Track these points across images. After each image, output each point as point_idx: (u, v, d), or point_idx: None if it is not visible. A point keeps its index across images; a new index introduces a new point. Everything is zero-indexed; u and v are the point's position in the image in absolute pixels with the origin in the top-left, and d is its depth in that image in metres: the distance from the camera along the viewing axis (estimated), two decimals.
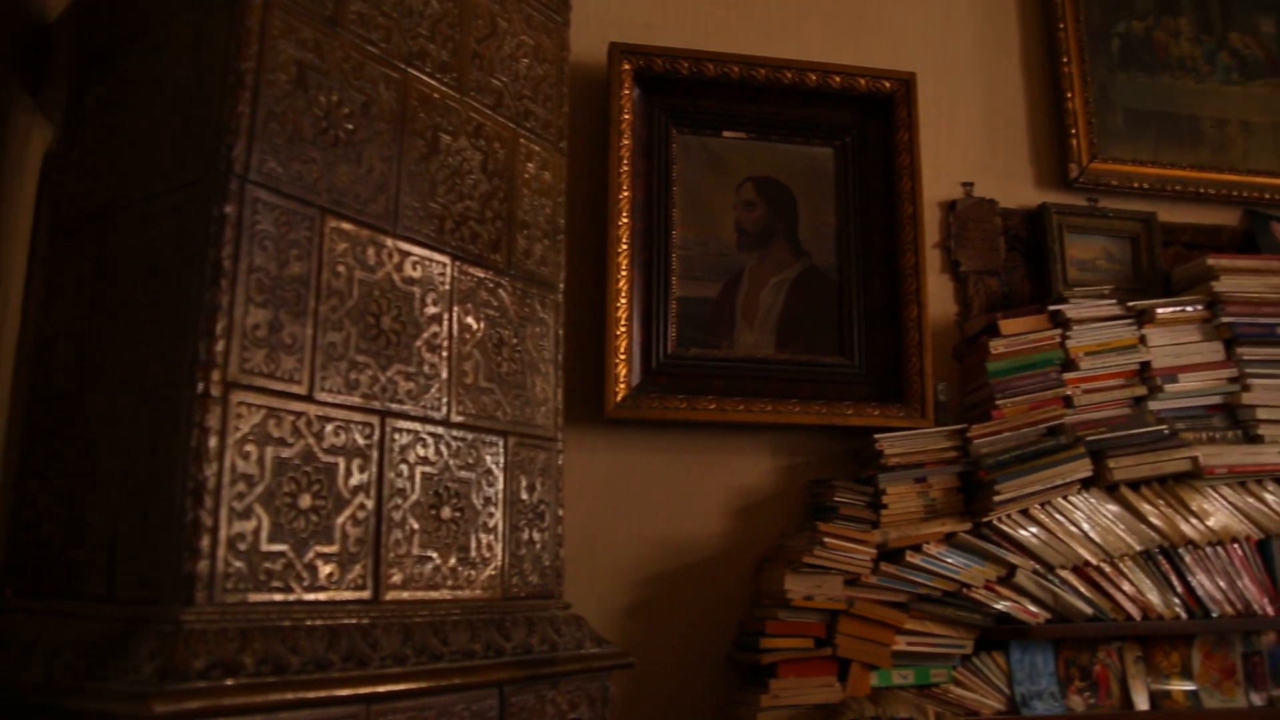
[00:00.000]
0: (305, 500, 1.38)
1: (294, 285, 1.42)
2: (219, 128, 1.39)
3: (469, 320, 1.72)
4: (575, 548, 2.28)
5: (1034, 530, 2.39)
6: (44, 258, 1.69)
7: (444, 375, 1.65)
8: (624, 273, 2.55)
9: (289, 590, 1.34)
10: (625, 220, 2.58)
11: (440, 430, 1.63)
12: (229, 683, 1.18)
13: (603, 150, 2.64)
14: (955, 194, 2.93)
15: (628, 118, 2.64)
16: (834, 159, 2.84)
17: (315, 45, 1.51)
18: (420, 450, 1.59)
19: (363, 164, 1.56)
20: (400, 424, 1.56)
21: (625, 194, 2.59)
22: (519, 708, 1.57)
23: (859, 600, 2.31)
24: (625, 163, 2.60)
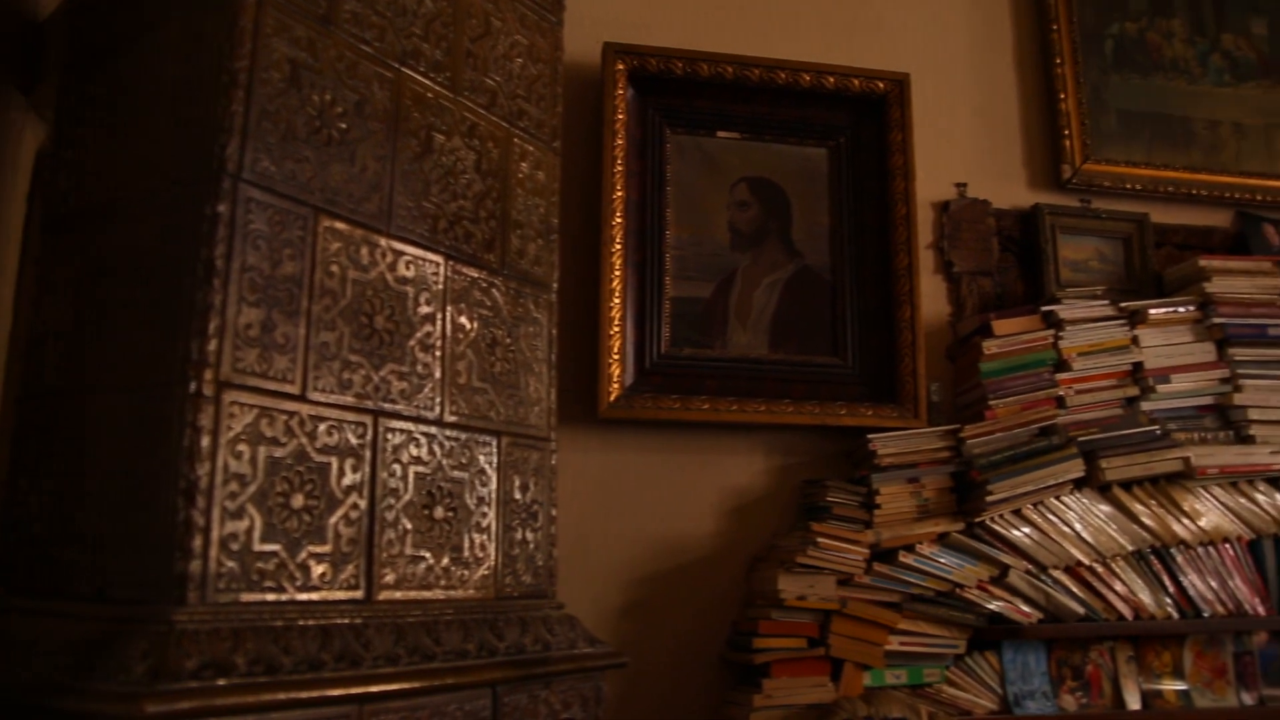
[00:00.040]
0: (298, 500, 1.38)
1: (287, 285, 1.42)
2: (212, 126, 1.38)
3: (462, 320, 1.72)
4: (568, 547, 2.27)
5: (1026, 530, 2.39)
6: (36, 256, 1.69)
7: (437, 375, 1.65)
8: (618, 272, 2.55)
9: (281, 590, 1.34)
10: (619, 220, 2.58)
11: (433, 430, 1.63)
12: (221, 683, 1.18)
13: (596, 150, 2.63)
14: (949, 194, 2.93)
15: (621, 118, 2.64)
16: (828, 159, 2.85)
17: (309, 44, 1.51)
18: (413, 450, 1.59)
19: (356, 163, 1.56)
20: (393, 424, 1.55)
21: (619, 194, 2.59)
22: (512, 708, 1.57)
23: (852, 600, 2.31)
24: (619, 163, 2.60)
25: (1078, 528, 2.42)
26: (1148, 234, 2.98)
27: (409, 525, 1.55)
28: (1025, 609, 2.37)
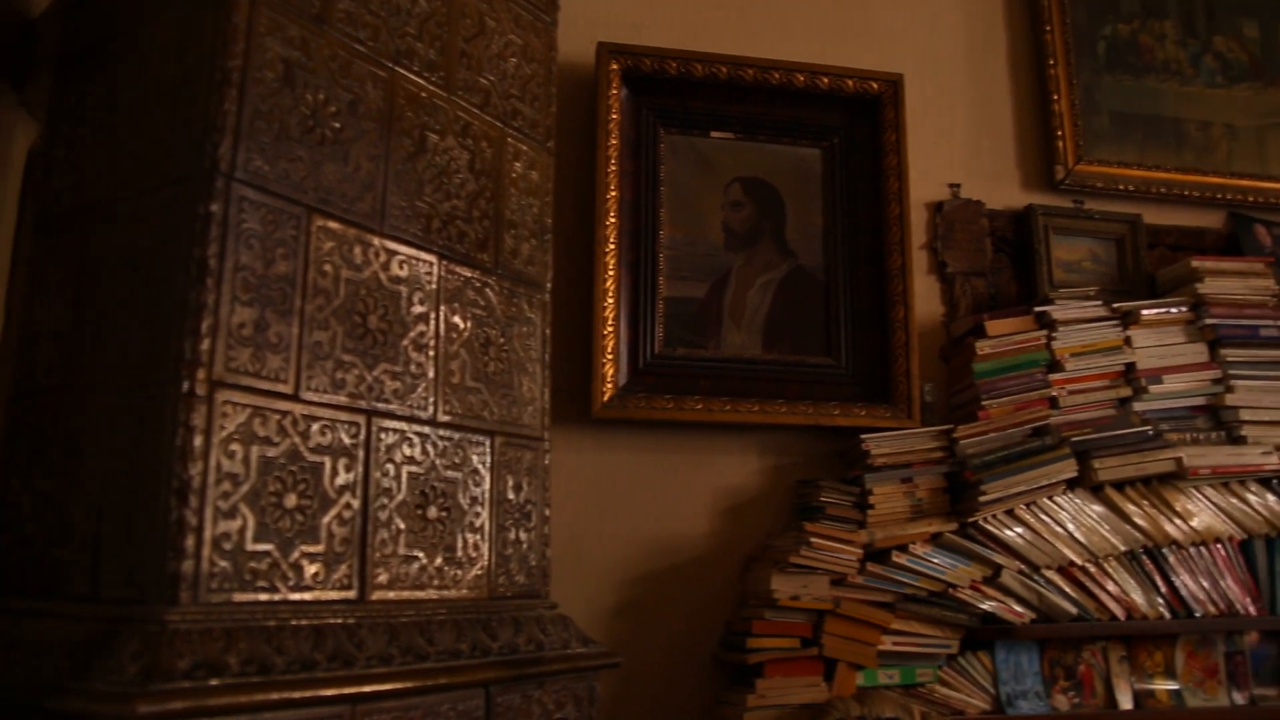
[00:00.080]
0: (291, 500, 1.38)
1: (280, 284, 1.41)
2: (205, 125, 1.38)
3: (456, 320, 1.72)
4: (562, 547, 2.27)
5: (1019, 530, 2.40)
6: (28, 255, 1.68)
7: (430, 375, 1.65)
8: (611, 272, 2.55)
9: (274, 590, 1.34)
10: (613, 220, 2.58)
11: (427, 430, 1.63)
12: (213, 683, 1.18)
13: (590, 150, 2.63)
14: (942, 195, 2.94)
15: (615, 117, 2.64)
16: (821, 160, 2.85)
17: (302, 43, 1.51)
18: (407, 450, 1.58)
19: (349, 163, 1.56)
20: (386, 423, 1.55)
21: (613, 194, 2.59)
22: (505, 707, 1.57)
23: (845, 600, 2.32)
24: (613, 162, 2.60)
25: (1070, 528, 2.42)
26: (1140, 235, 2.98)
27: (402, 525, 1.55)
28: (1018, 609, 2.38)
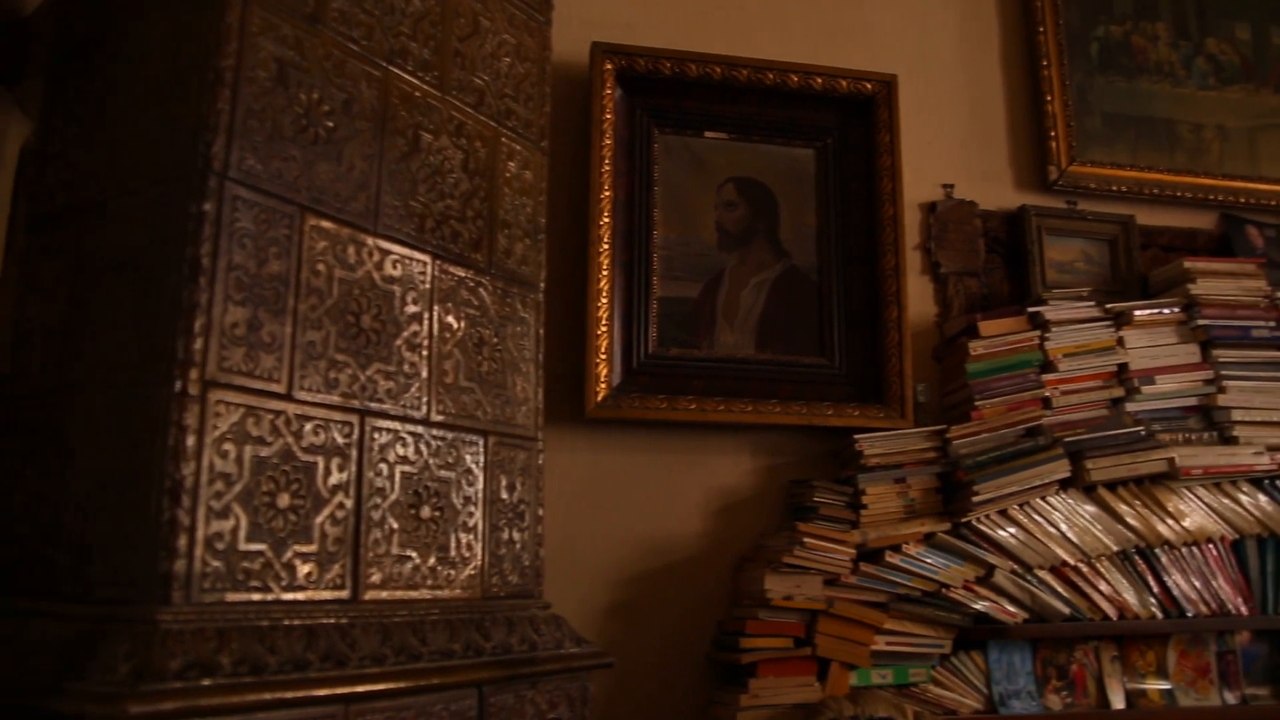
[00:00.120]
0: (284, 499, 1.38)
1: (273, 283, 1.41)
2: (198, 124, 1.38)
3: (449, 319, 1.72)
4: (555, 547, 2.27)
5: (1012, 530, 2.40)
6: (21, 253, 1.68)
7: (424, 374, 1.65)
8: (605, 272, 2.55)
9: (267, 590, 1.34)
10: (606, 220, 2.58)
11: (420, 429, 1.63)
12: (206, 683, 1.17)
13: (584, 150, 2.63)
14: (935, 196, 2.94)
15: (609, 117, 2.64)
16: (815, 160, 2.85)
17: (296, 42, 1.50)
18: (400, 449, 1.58)
19: (343, 162, 1.56)
20: (380, 423, 1.55)
21: (606, 193, 2.59)
22: (498, 708, 1.57)
23: (838, 600, 2.32)
24: (607, 162, 2.60)
25: (1063, 528, 2.43)
26: (1133, 236, 2.99)
27: (395, 525, 1.55)
28: (1011, 609, 2.38)
